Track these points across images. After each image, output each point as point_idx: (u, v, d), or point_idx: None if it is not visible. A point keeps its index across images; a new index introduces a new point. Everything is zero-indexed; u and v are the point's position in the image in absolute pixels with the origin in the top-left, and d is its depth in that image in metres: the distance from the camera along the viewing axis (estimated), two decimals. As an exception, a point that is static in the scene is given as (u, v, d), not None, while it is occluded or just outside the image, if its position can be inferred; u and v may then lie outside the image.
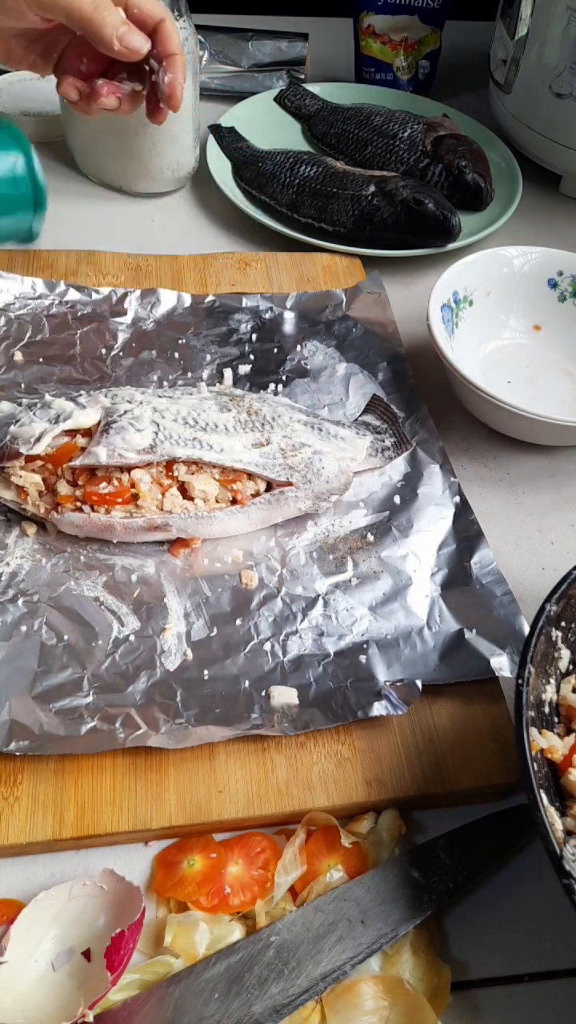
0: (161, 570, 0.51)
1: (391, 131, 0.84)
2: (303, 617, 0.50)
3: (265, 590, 0.51)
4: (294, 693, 0.46)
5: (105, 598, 0.50)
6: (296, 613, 0.50)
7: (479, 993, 0.41)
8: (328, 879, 0.42)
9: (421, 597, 0.52)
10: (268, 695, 0.46)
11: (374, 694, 0.46)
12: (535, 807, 0.37)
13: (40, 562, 0.51)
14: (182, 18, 0.71)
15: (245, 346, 0.65)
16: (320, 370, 0.64)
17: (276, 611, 0.50)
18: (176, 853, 0.43)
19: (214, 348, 0.65)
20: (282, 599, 0.51)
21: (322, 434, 0.55)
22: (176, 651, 0.48)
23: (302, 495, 0.53)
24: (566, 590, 0.45)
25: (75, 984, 0.38)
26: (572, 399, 0.65)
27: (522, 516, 0.60)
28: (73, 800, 0.43)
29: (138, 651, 0.48)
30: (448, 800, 0.45)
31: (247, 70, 0.95)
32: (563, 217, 0.86)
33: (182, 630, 0.49)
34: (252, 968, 0.39)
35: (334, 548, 0.54)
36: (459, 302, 0.65)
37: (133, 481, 0.50)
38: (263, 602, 0.50)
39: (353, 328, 0.67)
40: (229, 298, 0.68)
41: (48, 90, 0.86)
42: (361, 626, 0.50)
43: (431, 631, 0.50)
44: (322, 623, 0.50)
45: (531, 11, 0.79)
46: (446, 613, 0.51)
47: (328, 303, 0.69)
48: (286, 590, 0.51)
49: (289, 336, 0.66)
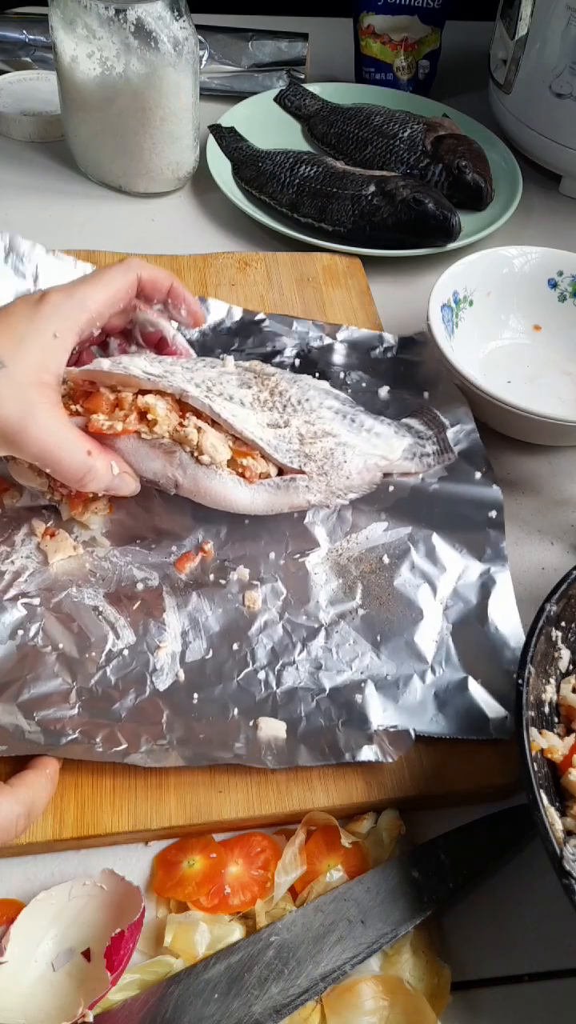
0: (165, 584, 0.50)
1: (391, 131, 0.84)
2: (302, 647, 0.48)
3: (267, 614, 0.49)
4: (283, 727, 0.45)
5: (105, 608, 0.49)
6: (296, 643, 0.48)
7: (479, 993, 0.41)
8: (328, 879, 0.42)
9: (430, 635, 0.49)
10: (256, 726, 0.45)
11: (365, 738, 0.44)
12: (535, 807, 0.37)
13: (45, 563, 0.51)
14: (182, 18, 0.71)
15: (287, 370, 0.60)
16: (358, 392, 0.61)
17: (276, 639, 0.48)
18: (176, 853, 0.43)
19: None
20: (283, 626, 0.49)
21: (353, 426, 0.52)
22: (168, 671, 0.46)
23: (315, 487, 0.50)
24: (566, 590, 0.45)
25: (75, 984, 0.38)
26: (572, 399, 0.65)
27: (522, 516, 0.60)
28: (73, 800, 0.43)
29: (130, 667, 0.46)
30: (448, 800, 0.45)
31: (247, 70, 0.95)
32: (563, 217, 0.86)
33: (177, 649, 0.47)
34: (252, 968, 0.39)
35: (345, 571, 0.51)
36: (459, 302, 0.65)
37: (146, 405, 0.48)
38: (263, 628, 0.48)
39: (401, 367, 0.64)
40: (279, 319, 0.66)
41: (48, 90, 0.86)
42: (362, 663, 0.47)
43: (434, 675, 0.47)
44: (321, 656, 0.48)
45: (531, 11, 0.79)
46: (453, 656, 0.48)
47: (379, 344, 0.66)
48: (288, 616, 0.49)
49: (335, 365, 0.63)
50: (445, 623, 0.50)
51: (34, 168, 0.84)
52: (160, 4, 0.70)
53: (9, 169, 0.83)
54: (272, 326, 0.66)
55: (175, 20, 0.71)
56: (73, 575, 0.50)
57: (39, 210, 0.79)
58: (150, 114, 0.74)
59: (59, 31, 0.72)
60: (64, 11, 0.70)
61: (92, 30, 0.70)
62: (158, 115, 0.74)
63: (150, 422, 0.48)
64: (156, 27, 0.70)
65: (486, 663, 0.48)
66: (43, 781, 0.41)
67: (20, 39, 0.92)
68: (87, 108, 0.75)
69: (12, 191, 0.80)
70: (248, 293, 0.70)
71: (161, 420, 0.48)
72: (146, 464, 0.49)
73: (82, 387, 0.49)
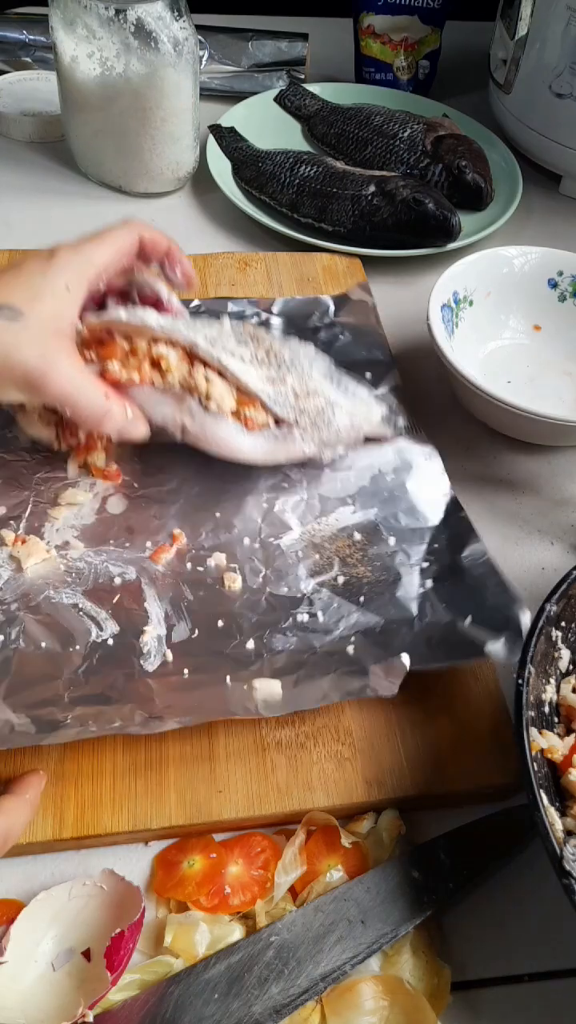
0: (142, 576, 0.50)
1: (391, 131, 0.84)
2: (287, 617, 0.48)
3: (248, 592, 0.50)
4: (278, 684, 0.45)
5: (84, 604, 0.48)
6: (280, 613, 0.49)
7: (479, 993, 0.41)
8: (328, 879, 0.42)
9: (412, 592, 0.50)
10: (251, 687, 0.45)
11: (361, 677, 0.45)
12: (535, 807, 0.37)
13: (19, 570, 0.50)
14: (182, 18, 0.71)
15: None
16: None
17: (260, 611, 0.49)
18: (176, 853, 0.43)
19: None
20: (266, 599, 0.49)
21: (339, 388, 0.55)
22: (156, 653, 0.46)
23: (308, 438, 0.53)
24: (566, 590, 0.45)
25: (75, 984, 0.38)
26: (572, 399, 0.65)
27: (522, 516, 0.60)
28: (73, 800, 0.43)
29: (116, 655, 0.46)
30: (448, 800, 0.45)
31: (247, 70, 0.95)
32: (563, 217, 0.86)
33: (162, 632, 0.47)
34: (252, 968, 0.39)
35: (320, 548, 0.52)
36: (459, 302, 0.65)
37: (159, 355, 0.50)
38: (246, 604, 0.49)
39: (340, 335, 0.66)
40: (215, 303, 0.67)
41: (48, 90, 0.86)
42: (348, 622, 0.48)
43: (421, 623, 0.48)
44: (307, 621, 0.48)
45: (531, 11, 0.79)
46: (438, 606, 0.49)
47: (315, 309, 0.68)
48: (270, 591, 0.50)
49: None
50: (424, 581, 0.51)
51: (34, 168, 0.84)
52: (160, 4, 0.70)
53: (9, 169, 0.83)
54: (208, 310, 0.67)
55: (175, 20, 0.71)
56: (49, 578, 0.50)
57: (39, 210, 0.79)
58: (150, 114, 0.74)
59: (59, 31, 0.72)
60: (64, 11, 0.70)
61: (92, 30, 0.70)
62: (158, 115, 0.74)
63: (163, 371, 0.51)
64: (156, 27, 0.70)
65: (470, 606, 0.49)
66: (21, 807, 0.41)
67: (20, 39, 0.93)
68: (87, 108, 0.75)
69: (12, 191, 0.81)
70: (248, 293, 0.70)
71: (173, 369, 0.51)
72: (157, 410, 0.51)
73: (97, 335, 0.51)
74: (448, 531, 0.53)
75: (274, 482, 0.55)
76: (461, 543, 0.52)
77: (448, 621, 0.48)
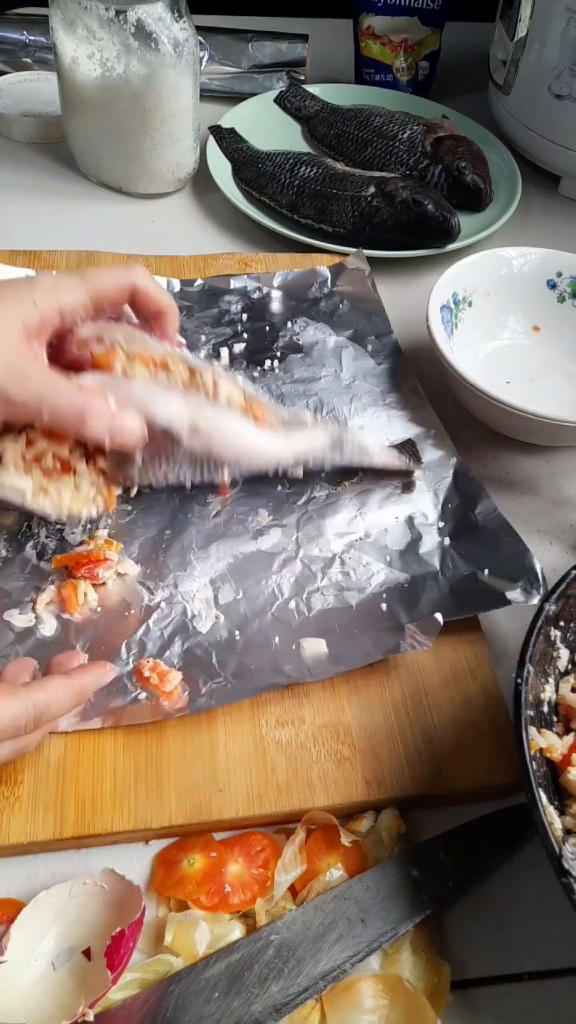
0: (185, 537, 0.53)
1: (391, 132, 0.84)
2: (323, 576, 0.52)
3: (284, 554, 0.53)
4: (323, 643, 0.48)
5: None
6: (316, 573, 0.52)
7: (479, 992, 0.41)
8: (328, 878, 0.42)
9: (432, 548, 0.54)
10: (299, 647, 0.48)
11: (398, 634, 0.48)
12: (534, 806, 0.37)
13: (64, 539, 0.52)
14: (182, 19, 0.72)
15: (237, 326, 0.67)
16: (312, 345, 0.66)
17: (296, 572, 0.52)
18: (176, 852, 0.43)
19: (208, 329, 0.66)
20: (301, 560, 0.53)
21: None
22: (207, 615, 0.50)
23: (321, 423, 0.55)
24: (565, 590, 0.45)
25: (75, 983, 0.39)
26: (571, 399, 0.65)
27: (521, 516, 0.60)
28: (74, 799, 0.43)
29: (170, 617, 0.49)
30: (447, 799, 0.46)
31: (247, 71, 0.95)
32: (562, 218, 0.86)
33: (209, 595, 0.51)
34: (252, 967, 0.39)
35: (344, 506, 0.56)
36: (458, 303, 0.65)
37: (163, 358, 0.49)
38: (284, 564, 0.53)
39: (340, 304, 0.69)
40: (217, 280, 0.70)
41: (48, 91, 0.86)
42: (378, 579, 0.52)
43: (445, 576, 0.52)
44: (341, 580, 0.52)
45: (531, 12, 0.79)
46: (458, 560, 0.53)
47: (313, 280, 0.71)
48: (304, 552, 0.53)
49: (278, 314, 0.68)
50: (443, 537, 0.55)
51: (34, 169, 0.84)
52: (160, 5, 0.70)
53: (9, 170, 0.83)
54: (212, 288, 0.70)
55: (175, 21, 0.71)
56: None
57: (40, 211, 0.79)
58: (150, 115, 0.74)
59: (59, 32, 0.72)
60: (64, 12, 0.70)
61: (92, 31, 0.70)
62: (158, 116, 0.75)
63: (168, 369, 0.49)
64: (156, 28, 0.70)
65: (487, 558, 0.53)
66: (66, 689, 0.41)
67: (20, 40, 0.93)
68: (87, 109, 0.76)
69: (13, 192, 0.81)
70: (248, 294, 0.70)
71: (175, 370, 0.49)
72: (162, 407, 0.47)
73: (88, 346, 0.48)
74: (460, 491, 0.57)
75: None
76: (473, 500, 0.56)
77: (468, 573, 0.52)
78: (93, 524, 0.53)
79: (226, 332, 0.66)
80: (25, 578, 0.51)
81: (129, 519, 0.54)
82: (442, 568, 0.53)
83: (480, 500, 0.56)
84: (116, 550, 0.52)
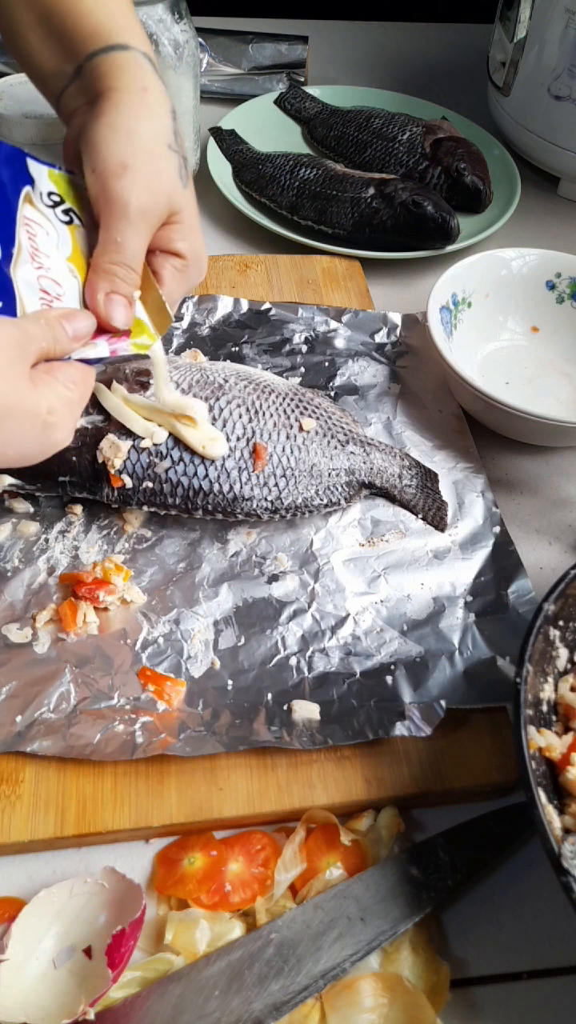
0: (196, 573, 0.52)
1: (390, 134, 0.84)
2: (332, 635, 0.50)
3: (296, 604, 0.51)
4: (316, 709, 0.46)
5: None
6: (325, 630, 0.50)
7: (478, 990, 0.41)
8: (328, 877, 0.42)
9: (455, 623, 0.51)
10: (290, 709, 0.46)
11: (397, 714, 0.46)
12: (533, 805, 0.37)
13: (78, 558, 0.52)
14: (183, 21, 0.72)
15: (297, 357, 0.65)
16: (369, 388, 0.64)
17: (305, 627, 0.50)
18: (177, 851, 0.43)
19: (266, 358, 0.65)
20: (312, 615, 0.51)
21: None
22: (203, 658, 0.48)
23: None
24: (564, 589, 0.45)
25: (76, 982, 0.39)
26: (570, 400, 0.65)
27: (520, 516, 0.60)
28: (75, 798, 0.43)
29: (165, 654, 0.48)
30: (447, 798, 0.46)
31: (247, 73, 0.95)
32: (561, 219, 0.86)
33: (210, 637, 0.49)
34: (252, 965, 0.39)
35: (368, 566, 0.53)
36: (458, 304, 0.65)
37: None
38: (293, 616, 0.50)
39: (404, 353, 0.67)
40: (285, 307, 0.68)
41: (49, 93, 0.86)
42: (390, 648, 0.49)
43: (462, 656, 0.49)
44: (351, 643, 0.49)
45: (530, 14, 0.79)
46: (479, 640, 0.50)
47: (383, 325, 0.68)
48: (317, 605, 0.51)
49: (341, 351, 0.66)
50: (468, 613, 0.51)
51: (35, 170, 0.84)
52: (161, 7, 0.70)
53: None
54: (278, 315, 0.68)
55: (176, 23, 0.71)
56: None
57: (40, 212, 0.79)
58: (150, 117, 0.74)
59: (60, 34, 0.72)
60: (65, 14, 0.71)
61: (93, 33, 0.70)
62: (158, 118, 0.75)
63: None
64: (157, 30, 0.70)
65: (511, 643, 0.50)
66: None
67: (21, 42, 0.93)
68: (88, 111, 0.76)
69: (13, 193, 0.81)
70: (248, 295, 0.70)
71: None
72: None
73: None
74: (495, 564, 0.54)
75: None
76: (508, 577, 0.53)
77: (487, 658, 0.49)
78: (111, 546, 0.53)
79: (284, 363, 0.64)
80: (32, 593, 0.50)
81: (147, 545, 0.53)
82: (460, 647, 0.50)
83: (516, 578, 0.53)
84: (125, 577, 0.51)
